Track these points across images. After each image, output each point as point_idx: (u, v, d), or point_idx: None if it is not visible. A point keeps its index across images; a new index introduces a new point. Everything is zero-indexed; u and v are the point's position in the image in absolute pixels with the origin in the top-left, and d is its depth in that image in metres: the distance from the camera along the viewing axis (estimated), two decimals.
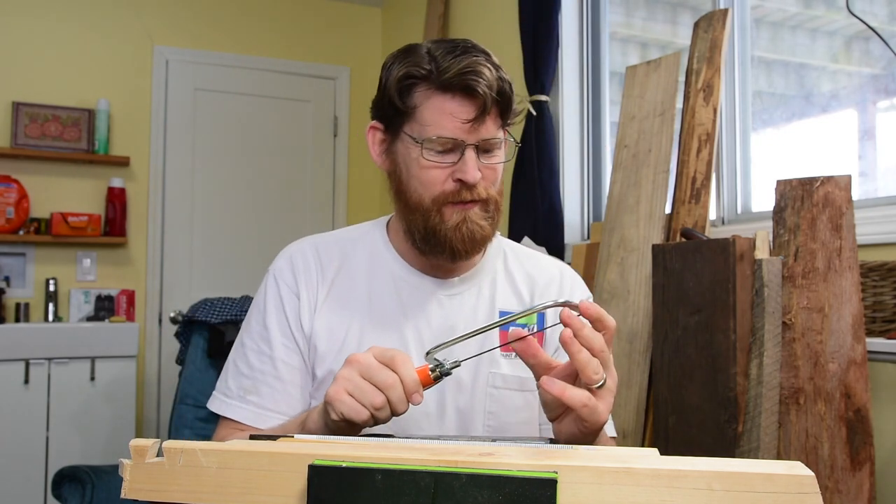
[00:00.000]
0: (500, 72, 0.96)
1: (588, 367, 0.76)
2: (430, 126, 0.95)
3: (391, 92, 0.97)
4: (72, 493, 2.05)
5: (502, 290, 1.09)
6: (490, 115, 0.95)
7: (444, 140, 0.95)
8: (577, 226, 2.66)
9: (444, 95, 0.94)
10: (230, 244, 3.80)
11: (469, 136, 0.95)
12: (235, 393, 1.05)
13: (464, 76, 0.92)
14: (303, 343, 1.05)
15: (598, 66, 2.66)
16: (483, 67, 0.93)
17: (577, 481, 0.57)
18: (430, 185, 0.97)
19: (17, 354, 3.03)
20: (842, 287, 1.46)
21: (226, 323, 2.20)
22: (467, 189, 0.96)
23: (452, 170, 0.96)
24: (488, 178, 0.98)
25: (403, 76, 0.96)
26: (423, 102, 0.96)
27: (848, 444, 1.42)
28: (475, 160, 0.95)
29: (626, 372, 1.93)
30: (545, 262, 1.15)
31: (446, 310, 1.05)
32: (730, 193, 2.10)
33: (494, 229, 1.03)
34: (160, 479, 0.63)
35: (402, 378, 0.79)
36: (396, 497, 0.57)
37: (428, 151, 0.96)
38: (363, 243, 1.10)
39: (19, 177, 3.34)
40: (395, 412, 0.79)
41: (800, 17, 2.09)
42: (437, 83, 0.94)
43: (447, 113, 0.94)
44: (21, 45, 3.44)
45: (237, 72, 3.86)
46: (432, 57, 0.95)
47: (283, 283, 1.07)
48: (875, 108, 1.86)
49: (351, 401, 0.78)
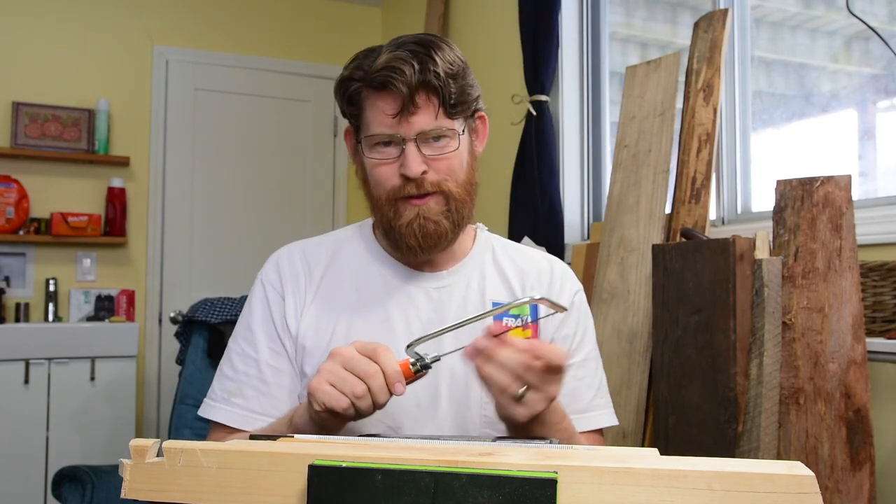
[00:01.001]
0: (434, 64, 0.95)
1: (491, 383, 0.82)
2: (369, 124, 0.98)
3: (337, 96, 1.02)
4: (72, 493, 2.05)
5: (492, 281, 1.09)
6: (421, 107, 0.96)
7: (378, 136, 0.97)
8: (577, 226, 2.66)
9: (376, 94, 0.97)
10: (230, 244, 3.80)
11: (405, 129, 0.96)
12: (220, 396, 1.05)
13: (382, 73, 0.95)
14: (290, 345, 1.05)
15: (598, 66, 2.66)
16: (404, 63, 0.94)
17: (577, 481, 0.57)
18: (381, 181, 0.99)
19: (17, 354, 3.03)
20: (842, 287, 1.46)
21: (226, 323, 2.20)
22: (412, 183, 0.97)
23: (398, 164, 0.98)
24: (439, 171, 0.99)
25: (344, 79, 1.00)
26: (363, 103, 0.99)
27: (848, 444, 1.42)
28: (416, 154, 0.96)
29: (626, 372, 1.93)
30: (534, 254, 1.15)
31: (435, 302, 1.05)
32: (730, 193, 2.10)
33: (457, 224, 1.02)
34: (160, 479, 0.63)
35: (383, 368, 0.80)
36: (396, 497, 0.57)
37: (369, 149, 0.99)
38: (350, 243, 1.11)
39: (19, 177, 3.34)
40: (377, 402, 0.80)
41: (800, 17, 2.09)
42: (369, 83, 0.97)
43: (378, 109, 0.97)
44: (21, 45, 3.44)
45: (237, 72, 3.86)
46: (375, 56, 0.97)
47: (270, 285, 1.08)
48: (875, 108, 1.86)
49: (331, 390, 0.79)
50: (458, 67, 0.98)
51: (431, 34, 1.01)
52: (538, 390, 0.82)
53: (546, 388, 0.82)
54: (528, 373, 0.80)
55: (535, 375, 0.80)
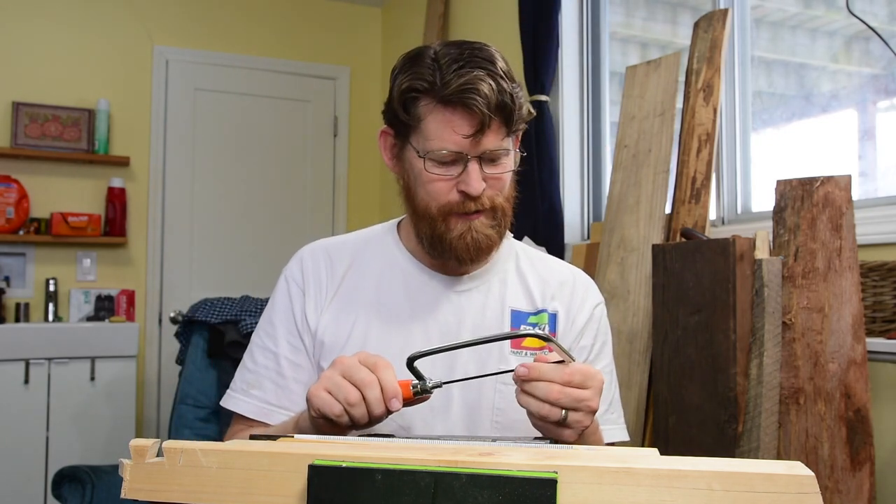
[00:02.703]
0: (503, 81, 0.94)
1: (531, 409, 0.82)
2: (432, 139, 0.96)
3: (395, 105, 0.98)
4: (72, 493, 2.05)
5: (513, 289, 1.09)
6: (491, 127, 0.95)
7: (446, 153, 0.95)
8: (577, 226, 2.66)
9: (446, 109, 0.94)
10: (230, 244, 3.80)
11: (471, 148, 0.95)
12: (240, 387, 1.07)
13: (462, 93, 0.92)
14: (308, 341, 1.06)
15: (598, 66, 2.66)
16: (482, 83, 0.92)
17: (577, 481, 0.57)
18: (435, 195, 0.98)
19: (17, 354, 3.03)
20: (842, 287, 1.46)
21: (226, 323, 2.19)
22: (472, 200, 0.97)
23: (456, 181, 0.96)
24: (494, 188, 0.98)
25: (407, 89, 0.96)
26: (426, 115, 0.96)
27: (848, 444, 1.42)
28: (478, 172, 0.96)
29: (626, 372, 1.93)
30: (558, 265, 1.15)
31: (455, 306, 1.06)
32: (730, 193, 2.10)
33: (502, 236, 1.03)
34: (160, 479, 0.63)
35: (381, 380, 0.80)
36: (396, 497, 0.57)
37: (431, 164, 0.97)
38: (375, 244, 1.12)
39: (19, 177, 3.34)
40: (371, 413, 0.80)
41: (800, 17, 2.09)
42: (438, 97, 0.94)
43: (449, 127, 0.94)
44: (21, 45, 3.44)
45: (237, 72, 3.86)
46: (437, 67, 0.95)
47: (293, 280, 1.09)
48: (875, 108, 1.86)
49: (326, 396, 0.80)
50: (516, 83, 0.98)
51: (482, 43, 0.99)
52: (578, 409, 0.82)
53: (585, 405, 0.82)
54: (565, 398, 0.80)
55: (570, 399, 0.81)
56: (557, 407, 0.80)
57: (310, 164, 4.01)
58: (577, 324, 1.09)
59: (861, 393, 1.43)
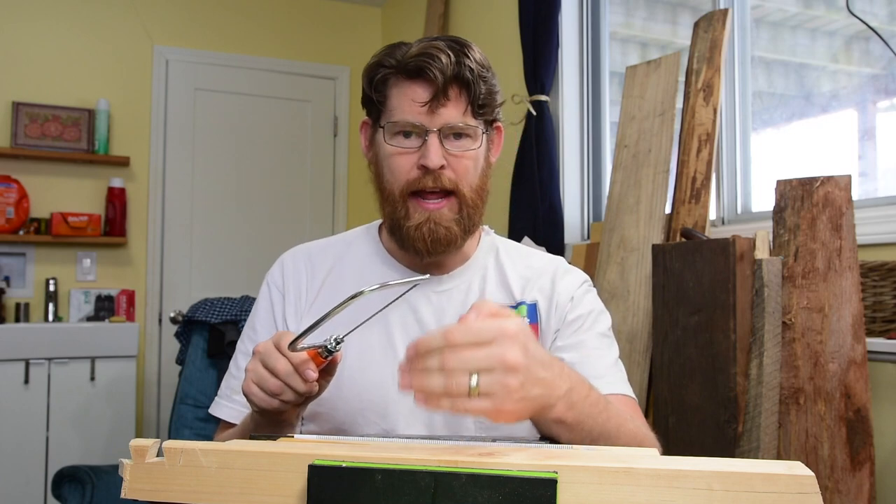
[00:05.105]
0: (469, 61, 0.95)
1: (434, 399, 0.66)
2: (394, 111, 0.98)
3: (363, 82, 1.01)
4: (72, 493, 2.05)
5: (492, 284, 1.08)
6: (451, 100, 0.95)
7: (403, 123, 0.96)
8: (577, 226, 2.66)
9: (406, 81, 0.97)
10: (230, 244, 3.80)
11: (430, 121, 0.96)
12: (224, 393, 1.08)
13: (418, 59, 0.94)
14: None
15: (598, 66, 2.66)
16: (441, 53, 0.94)
17: (577, 481, 0.57)
18: (397, 172, 0.98)
19: (17, 354, 3.03)
20: (842, 287, 1.46)
21: (226, 323, 2.20)
22: (430, 176, 0.96)
23: (417, 156, 0.97)
24: (456, 169, 0.98)
25: (375, 64, 0.99)
26: (391, 90, 0.98)
27: (848, 444, 1.42)
28: (438, 146, 0.96)
29: (627, 372, 1.93)
30: (538, 257, 1.13)
31: (435, 305, 1.05)
32: (730, 193, 2.10)
33: (467, 231, 1.02)
34: (160, 479, 0.63)
35: (290, 359, 0.79)
36: (396, 497, 0.57)
37: (391, 136, 0.98)
38: (355, 246, 1.12)
39: (19, 177, 3.34)
40: (297, 389, 0.80)
41: (800, 17, 2.09)
42: (401, 70, 0.97)
43: (407, 97, 0.96)
44: (21, 45, 3.44)
45: (237, 72, 3.86)
46: (408, 48, 0.97)
47: (273, 285, 1.10)
48: (875, 108, 1.86)
49: (257, 390, 0.81)
50: (488, 70, 0.99)
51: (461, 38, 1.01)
52: (490, 371, 0.65)
53: (497, 361, 0.65)
54: (461, 362, 0.64)
55: (470, 361, 0.64)
56: (459, 375, 0.64)
57: (310, 164, 4.01)
58: (561, 305, 1.05)
59: (861, 393, 1.43)
